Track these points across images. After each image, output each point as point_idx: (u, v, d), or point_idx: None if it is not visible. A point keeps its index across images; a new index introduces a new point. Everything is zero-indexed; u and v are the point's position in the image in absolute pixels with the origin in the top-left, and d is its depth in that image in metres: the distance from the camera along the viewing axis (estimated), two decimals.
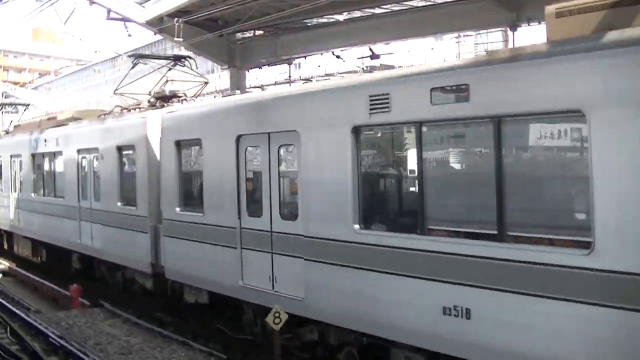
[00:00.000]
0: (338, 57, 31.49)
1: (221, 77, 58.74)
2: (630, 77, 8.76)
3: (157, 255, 20.05)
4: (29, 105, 46.72)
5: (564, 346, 9.45)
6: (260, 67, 34.85)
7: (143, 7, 29.82)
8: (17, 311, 21.88)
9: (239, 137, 16.28)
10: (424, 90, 11.37)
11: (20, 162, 31.73)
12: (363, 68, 17.17)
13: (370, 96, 12.43)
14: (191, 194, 19.05)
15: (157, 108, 22.26)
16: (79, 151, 25.05)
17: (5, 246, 35.29)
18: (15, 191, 32.68)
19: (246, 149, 16.24)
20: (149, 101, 23.86)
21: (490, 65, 10.61)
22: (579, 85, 9.31)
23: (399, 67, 15.12)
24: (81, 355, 16.68)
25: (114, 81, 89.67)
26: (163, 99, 23.25)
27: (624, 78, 8.85)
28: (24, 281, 29.57)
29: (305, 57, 34.54)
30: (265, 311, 14.49)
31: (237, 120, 16.65)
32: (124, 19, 31.14)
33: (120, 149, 22.27)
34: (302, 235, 14.29)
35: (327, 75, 45.06)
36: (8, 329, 19.79)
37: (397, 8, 26.49)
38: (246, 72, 33.80)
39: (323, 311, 13.91)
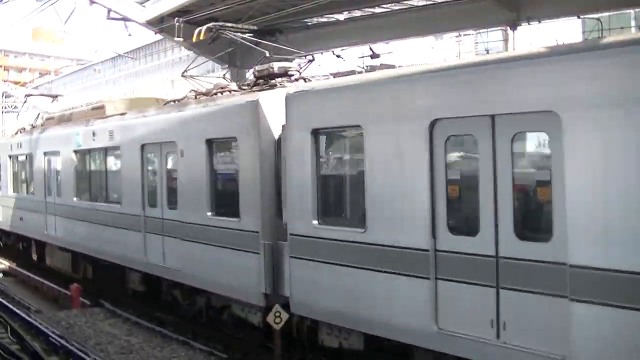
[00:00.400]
0: (338, 56, 31.43)
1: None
2: None
3: (276, 283, 15.31)
4: (57, 96, 43.09)
5: None
6: None
7: (143, 6, 29.84)
8: (18, 311, 21.89)
9: (434, 123, 11.60)
10: None
11: (58, 160, 27.01)
12: (364, 67, 17.13)
13: None
14: (340, 202, 14.76)
15: (260, 90, 17.03)
16: (144, 146, 20.29)
17: (35, 257, 31.02)
18: (50, 195, 27.76)
19: (447, 139, 11.48)
20: (254, 83, 18.31)
21: None
22: None
23: (398, 66, 15.11)
24: (82, 355, 16.69)
25: (114, 81, 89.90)
26: (269, 77, 17.83)
27: None
28: (24, 281, 29.61)
29: (305, 56, 34.49)
30: None
31: (431, 98, 11.80)
32: (124, 19, 31.14)
33: (210, 142, 17.32)
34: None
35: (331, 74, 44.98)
36: (8, 328, 19.79)
37: (397, 7, 26.48)
38: (246, 71, 33.76)
39: None
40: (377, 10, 27.25)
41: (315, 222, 13.98)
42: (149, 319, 20.93)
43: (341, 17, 28.56)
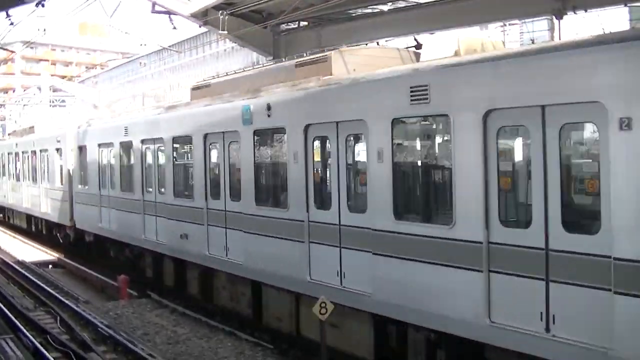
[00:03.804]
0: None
1: None
2: None
3: None
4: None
5: None
6: None
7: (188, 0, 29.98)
8: (67, 301, 22.21)
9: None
10: None
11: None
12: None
13: None
14: None
15: None
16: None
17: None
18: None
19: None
20: None
21: None
22: None
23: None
24: (129, 345, 16.89)
25: (159, 73, 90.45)
26: None
27: None
28: (72, 272, 29.97)
29: (349, 47, 34.47)
30: None
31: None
32: (169, 12, 31.26)
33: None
34: None
35: None
36: (58, 319, 20.10)
37: None
38: None
39: None
40: (422, 0, 27.10)
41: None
42: (195, 309, 21.07)
43: (385, 7, 28.43)
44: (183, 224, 20.96)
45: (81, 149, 30.08)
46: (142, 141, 23.89)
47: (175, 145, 22.24)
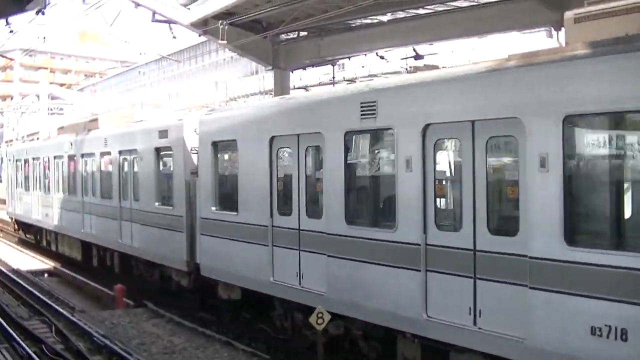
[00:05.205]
0: (382, 57, 31.44)
1: (265, 78, 59.01)
2: None
3: None
4: None
5: None
6: (304, 68, 34.95)
7: (188, 9, 29.96)
8: (62, 311, 22.11)
9: None
10: None
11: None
12: (407, 68, 17.15)
13: None
14: None
15: None
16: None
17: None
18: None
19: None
20: None
21: None
22: None
23: (442, 67, 15.08)
24: (125, 354, 16.81)
25: (158, 82, 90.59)
26: None
27: None
28: (68, 281, 29.88)
29: (349, 57, 34.53)
30: None
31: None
32: (169, 21, 31.31)
33: None
34: None
35: (370, 75, 45.03)
36: (53, 328, 20.00)
37: (440, 9, 26.35)
38: (290, 73, 33.86)
39: None
40: (421, 11, 27.13)
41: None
42: (191, 319, 21.03)
43: (385, 18, 28.47)
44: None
45: (216, 147, 19.82)
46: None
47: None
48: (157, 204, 23.25)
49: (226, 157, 20.32)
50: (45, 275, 31.67)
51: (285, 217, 16.74)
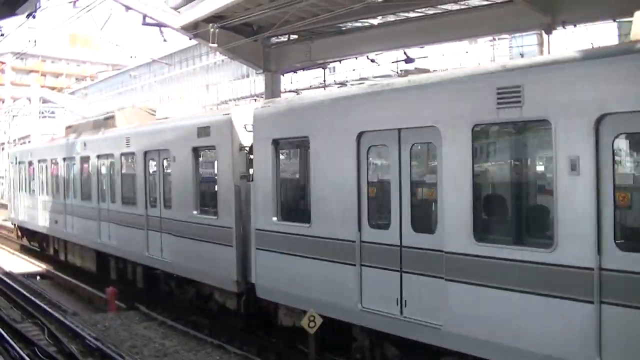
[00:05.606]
0: (373, 61, 31.47)
1: (256, 82, 59.04)
2: None
3: None
4: None
5: None
6: (295, 72, 34.99)
7: (178, 12, 29.96)
8: (55, 313, 22.13)
9: None
10: None
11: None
12: (397, 72, 17.22)
13: None
14: None
15: None
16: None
17: None
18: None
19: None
20: None
21: None
22: None
23: (433, 70, 15.18)
24: (117, 357, 16.85)
25: (149, 86, 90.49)
26: None
27: None
28: (60, 283, 29.87)
29: (340, 61, 34.54)
30: None
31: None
32: (160, 25, 31.27)
33: None
34: None
35: (361, 79, 45.12)
36: (45, 330, 20.02)
37: (431, 12, 26.39)
38: (281, 76, 33.88)
39: None
40: (412, 14, 27.18)
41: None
42: (184, 322, 21.06)
43: (375, 21, 28.51)
44: None
45: (277, 146, 16.95)
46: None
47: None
48: (195, 212, 20.16)
49: (292, 157, 17.86)
50: (38, 277, 31.67)
51: (379, 230, 13.72)
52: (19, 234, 41.29)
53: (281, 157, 17.21)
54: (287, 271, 16.27)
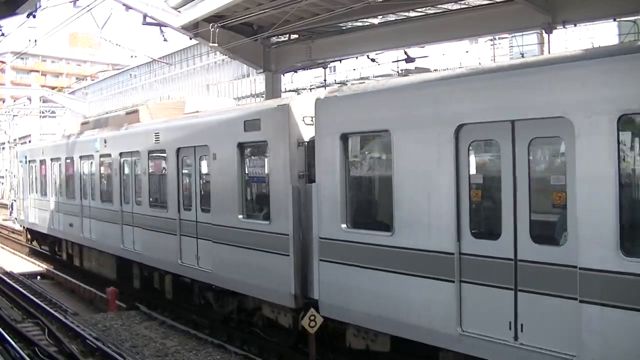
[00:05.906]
0: (373, 60, 31.46)
1: (256, 81, 59.01)
2: None
3: None
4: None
5: None
6: (295, 71, 34.95)
7: (178, 12, 29.95)
8: (55, 313, 22.12)
9: None
10: None
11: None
12: (398, 71, 17.19)
13: None
14: None
15: None
16: None
17: None
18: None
19: None
20: None
21: None
22: None
23: (434, 70, 15.17)
24: (118, 357, 16.84)
25: (150, 85, 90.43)
26: None
27: None
28: (61, 283, 29.84)
29: (340, 60, 34.55)
30: None
31: None
32: (160, 24, 31.26)
33: None
34: None
35: (362, 78, 45.12)
36: (46, 330, 20.01)
37: (431, 11, 26.40)
38: (281, 75, 33.88)
39: None
40: (412, 14, 27.17)
41: None
42: (184, 322, 21.05)
43: (375, 21, 28.51)
44: None
45: (346, 141, 14.91)
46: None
47: None
48: (240, 216, 17.81)
49: (367, 155, 15.31)
50: (38, 277, 31.63)
51: (485, 241, 11.80)
52: (29, 237, 39.15)
53: (352, 154, 14.88)
54: (360, 287, 14.07)
